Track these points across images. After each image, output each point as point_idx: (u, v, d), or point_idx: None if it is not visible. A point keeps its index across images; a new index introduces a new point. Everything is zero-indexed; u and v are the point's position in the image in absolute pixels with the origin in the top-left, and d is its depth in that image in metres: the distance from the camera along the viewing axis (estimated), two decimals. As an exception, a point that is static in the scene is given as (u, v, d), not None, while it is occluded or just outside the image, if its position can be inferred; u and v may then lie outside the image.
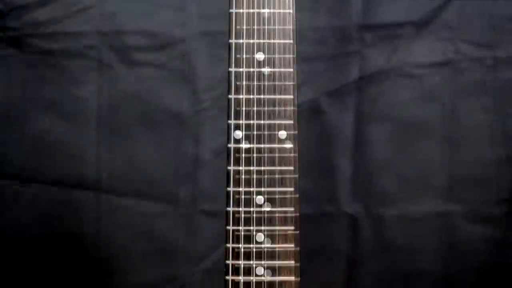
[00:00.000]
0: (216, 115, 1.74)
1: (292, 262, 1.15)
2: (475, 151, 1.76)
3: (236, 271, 1.15)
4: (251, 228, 1.14)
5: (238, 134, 1.14)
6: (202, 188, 1.75)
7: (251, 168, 1.14)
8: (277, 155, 1.15)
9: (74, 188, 1.75)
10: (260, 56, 1.13)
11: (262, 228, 1.15)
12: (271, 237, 1.14)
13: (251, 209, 1.14)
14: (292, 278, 1.15)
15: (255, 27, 1.13)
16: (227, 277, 1.16)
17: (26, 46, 1.72)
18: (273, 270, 1.16)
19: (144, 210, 1.76)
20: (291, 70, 1.14)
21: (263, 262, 1.15)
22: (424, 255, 1.78)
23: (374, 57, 1.72)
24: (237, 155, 1.14)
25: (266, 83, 1.14)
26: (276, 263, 1.15)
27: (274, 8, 1.12)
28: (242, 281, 1.14)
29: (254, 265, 1.15)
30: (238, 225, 1.15)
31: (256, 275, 1.15)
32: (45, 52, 1.71)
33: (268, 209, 1.14)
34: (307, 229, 1.74)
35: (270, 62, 1.14)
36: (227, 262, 1.15)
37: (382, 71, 1.73)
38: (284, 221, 1.15)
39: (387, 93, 1.74)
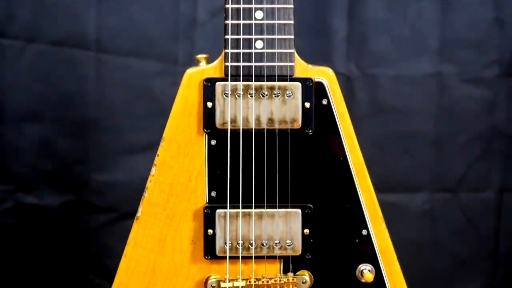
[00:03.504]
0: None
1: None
2: (467, 12, 1.71)
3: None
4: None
5: None
6: (199, 48, 1.70)
7: None
8: None
9: (74, 48, 1.70)
10: None
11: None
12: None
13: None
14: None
15: None
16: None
17: None
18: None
19: (143, 69, 1.71)
20: None
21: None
22: (417, 115, 1.73)
23: None
24: None
25: None
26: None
27: None
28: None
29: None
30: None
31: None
32: None
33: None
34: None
35: None
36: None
37: None
38: None
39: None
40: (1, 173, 1.71)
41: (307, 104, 1.10)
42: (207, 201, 1.12)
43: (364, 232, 1.13)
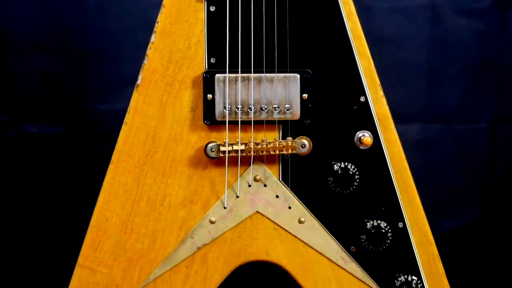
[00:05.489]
0: None
1: None
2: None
3: None
4: None
5: None
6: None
7: None
8: None
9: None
10: None
11: None
12: None
13: None
14: None
15: None
16: None
17: None
18: None
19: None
20: None
21: None
22: (411, 46, 1.71)
23: None
24: None
25: None
26: None
27: None
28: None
29: None
30: None
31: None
32: None
33: None
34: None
35: None
36: None
37: None
38: None
39: None
40: (2, 103, 1.67)
41: (305, -31, 1.07)
42: (206, 67, 1.09)
43: (362, 98, 1.10)
